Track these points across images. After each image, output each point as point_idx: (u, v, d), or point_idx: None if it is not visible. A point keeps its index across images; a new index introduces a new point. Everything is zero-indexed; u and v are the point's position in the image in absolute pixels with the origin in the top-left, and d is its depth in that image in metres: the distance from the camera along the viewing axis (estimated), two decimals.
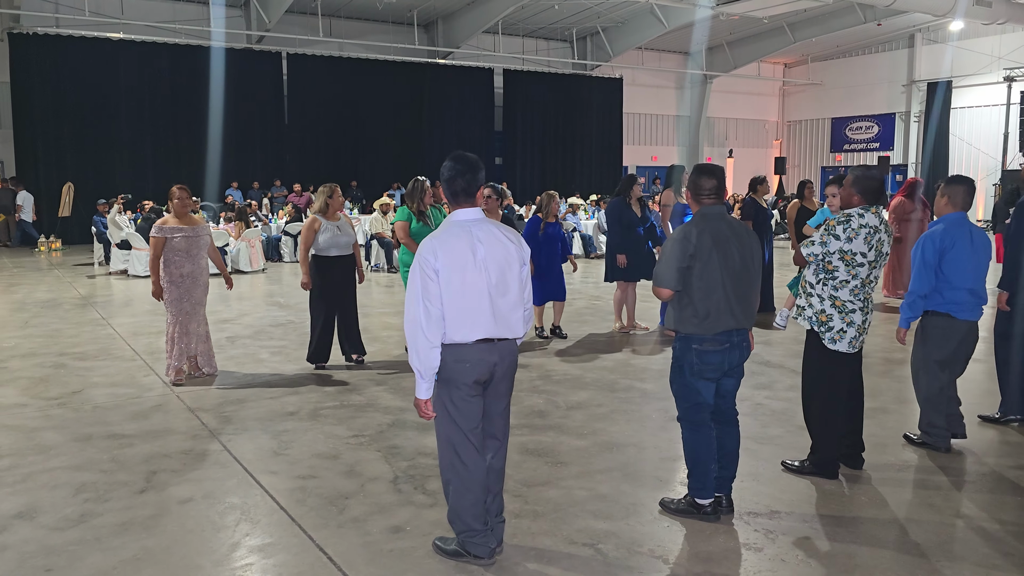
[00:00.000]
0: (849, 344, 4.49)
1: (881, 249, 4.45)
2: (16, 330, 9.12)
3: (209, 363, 7.00)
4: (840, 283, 4.45)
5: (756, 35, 27.61)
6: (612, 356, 7.76)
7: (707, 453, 4.06)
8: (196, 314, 6.81)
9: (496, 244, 3.52)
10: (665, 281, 3.99)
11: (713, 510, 4.09)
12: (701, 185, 4.05)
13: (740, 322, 4.01)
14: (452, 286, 3.42)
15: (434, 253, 3.43)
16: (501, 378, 3.60)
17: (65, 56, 19.44)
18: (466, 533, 3.61)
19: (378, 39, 23.35)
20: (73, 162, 19.72)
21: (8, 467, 4.85)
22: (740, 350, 4.08)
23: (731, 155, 30.06)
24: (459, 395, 3.51)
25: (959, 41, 26.48)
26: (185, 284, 6.68)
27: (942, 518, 4.14)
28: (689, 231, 3.97)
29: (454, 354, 3.47)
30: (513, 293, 3.55)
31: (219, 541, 3.89)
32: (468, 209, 3.57)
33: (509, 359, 3.60)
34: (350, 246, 7.23)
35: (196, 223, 6.78)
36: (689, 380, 4.06)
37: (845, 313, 4.47)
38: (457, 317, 3.44)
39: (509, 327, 3.55)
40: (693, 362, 4.01)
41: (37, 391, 6.57)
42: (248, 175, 21.42)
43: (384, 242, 15.13)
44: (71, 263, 15.90)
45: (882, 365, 7.29)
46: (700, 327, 3.95)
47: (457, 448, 3.55)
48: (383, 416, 5.83)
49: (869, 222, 4.40)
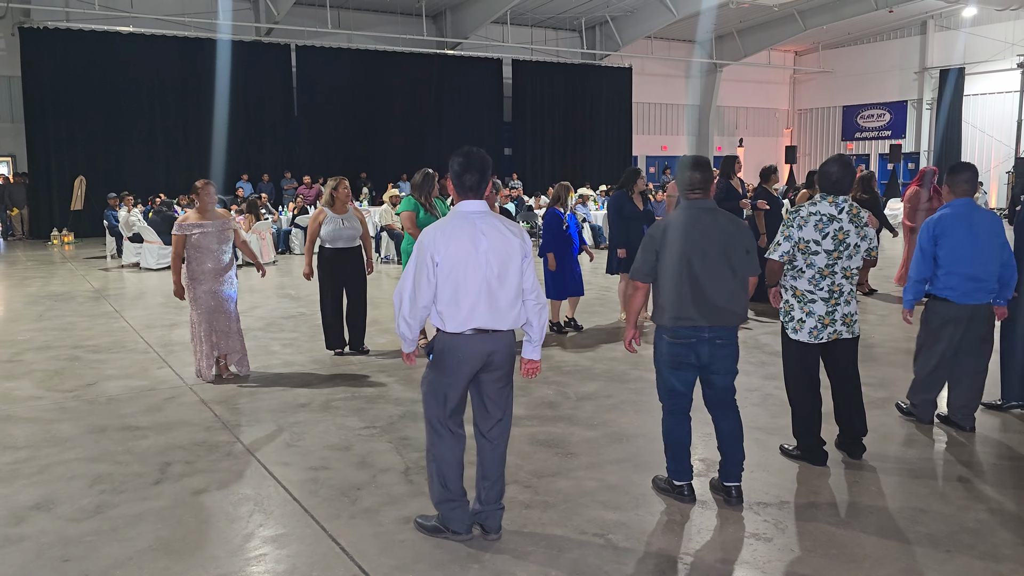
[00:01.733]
0: (809, 334, 4.51)
1: (845, 240, 4.42)
2: (31, 323, 9.20)
3: (241, 363, 6.74)
4: (798, 272, 4.51)
5: (766, 23, 27.46)
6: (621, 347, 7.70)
7: (681, 438, 4.20)
8: (228, 311, 6.59)
9: (499, 237, 3.57)
10: (636, 274, 4.15)
11: (688, 492, 4.19)
12: (689, 179, 4.08)
13: (708, 319, 3.99)
14: (452, 276, 3.49)
15: (435, 242, 3.50)
16: (499, 365, 3.67)
17: (75, 50, 19.51)
18: (443, 504, 3.74)
19: (386, 30, 23.34)
20: (84, 155, 19.83)
21: (25, 459, 4.92)
22: (713, 346, 4.05)
23: (741, 144, 29.93)
24: (447, 382, 3.63)
25: (972, 27, 26.26)
26: (208, 280, 6.45)
27: (950, 508, 4.15)
28: (659, 224, 4.10)
29: (449, 342, 3.57)
30: (513, 286, 3.60)
31: (233, 531, 3.94)
32: (474, 201, 3.62)
33: (505, 349, 3.67)
34: (356, 238, 7.27)
35: (220, 217, 6.56)
36: (662, 367, 4.18)
37: (804, 303, 4.51)
38: (454, 307, 3.52)
39: (506, 319, 3.62)
40: (664, 351, 4.14)
41: (52, 383, 6.64)
42: (258, 167, 21.50)
43: (394, 233, 15.16)
44: (83, 256, 16.01)
45: (894, 355, 7.27)
46: (664, 319, 4.06)
47: (436, 427, 3.72)
48: (394, 407, 5.87)
49: (821, 210, 4.44)
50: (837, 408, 4.81)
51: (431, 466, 3.79)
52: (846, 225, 4.43)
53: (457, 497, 3.75)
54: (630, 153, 28.38)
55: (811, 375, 4.65)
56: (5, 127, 20.24)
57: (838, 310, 4.51)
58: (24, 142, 19.60)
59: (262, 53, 21.94)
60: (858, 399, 4.76)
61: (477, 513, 3.81)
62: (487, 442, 3.77)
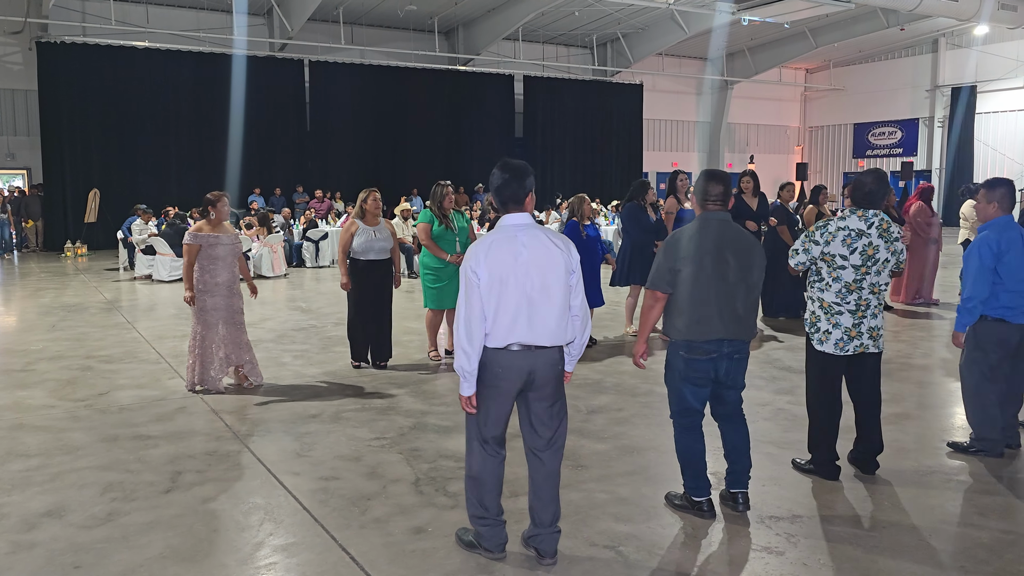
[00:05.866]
0: (835, 346, 4.48)
1: (875, 255, 4.39)
2: (44, 333, 9.26)
3: (253, 372, 6.83)
4: (825, 285, 4.48)
5: (777, 40, 27.52)
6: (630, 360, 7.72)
7: (696, 454, 4.13)
8: (235, 323, 6.65)
9: (541, 249, 3.50)
10: (655, 283, 4.03)
11: (708, 508, 4.13)
12: (708, 191, 4.06)
13: (731, 332, 3.98)
14: (493, 290, 3.43)
15: (476, 257, 3.46)
16: (543, 384, 3.56)
17: (91, 64, 19.74)
18: (478, 520, 3.68)
19: (399, 46, 23.53)
20: (99, 169, 20.02)
21: (37, 467, 4.94)
22: (731, 361, 4.05)
23: (752, 161, 29.93)
24: (486, 395, 3.55)
25: (983, 46, 26.25)
26: (219, 293, 6.51)
27: (965, 523, 4.11)
28: (681, 235, 4.01)
29: (489, 357, 3.50)
30: (557, 300, 3.51)
31: (243, 540, 3.94)
32: (517, 214, 3.57)
33: (548, 367, 3.55)
34: (387, 251, 7.28)
35: (229, 231, 6.66)
36: (678, 384, 4.10)
37: (831, 315, 4.48)
38: (495, 322, 3.45)
39: (548, 335, 3.51)
40: (680, 368, 4.05)
41: (64, 393, 6.67)
42: (270, 182, 21.63)
43: (404, 247, 15.21)
44: (97, 268, 16.11)
45: (904, 371, 7.24)
46: (688, 333, 3.98)
47: (473, 445, 3.65)
48: (405, 419, 5.87)
49: (850, 225, 4.40)
50: (859, 423, 4.76)
51: (469, 483, 3.70)
52: (875, 240, 4.39)
53: (492, 516, 3.67)
54: (641, 169, 28.43)
55: (833, 388, 4.62)
56: (21, 140, 20.47)
57: (864, 323, 4.47)
58: (40, 155, 19.80)
59: (276, 68, 22.13)
60: (878, 415, 4.74)
61: (532, 537, 3.71)
62: (539, 461, 3.67)
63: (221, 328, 6.56)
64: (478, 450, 3.64)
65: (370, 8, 22.13)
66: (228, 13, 20.79)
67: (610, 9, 22.87)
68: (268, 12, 21.74)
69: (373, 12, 22.49)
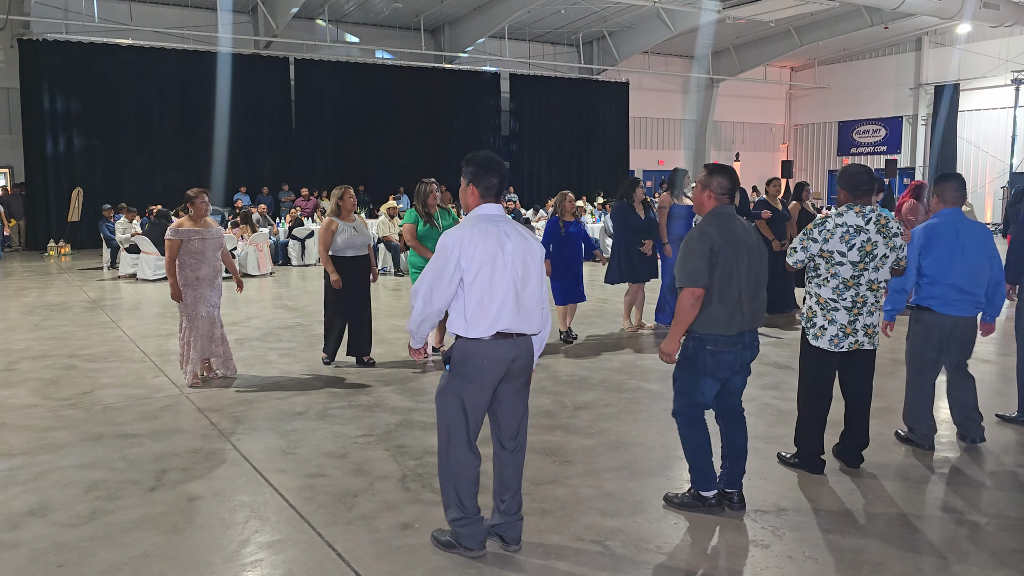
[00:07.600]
0: (830, 341, 4.50)
1: (873, 252, 4.40)
2: (27, 332, 9.18)
3: (226, 365, 6.98)
4: (822, 280, 4.50)
5: (762, 39, 27.63)
6: (618, 357, 7.77)
7: (704, 446, 4.12)
8: (212, 317, 6.81)
9: (520, 239, 3.56)
10: (696, 279, 3.86)
11: (717, 502, 4.13)
12: (718, 184, 4.06)
13: (751, 322, 4.03)
14: (479, 280, 3.43)
15: (460, 246, 3.43)
16: (518, 374, 3.61)
17: (74, 62, 19.57)
18: (456, 521, 3.66)
19: (385, 44, 23.45)
20: (82, 167, 19.86)
21: (20, 466, 4.90)
22: (751, 349, 4.10)
23: (738, 159, 30.04)
24: (469, 389, 3.54)
25: (966, 44, 26.45)
26: (201, 287, 6.68)
27: (949, 515, 4.14)
28: (707, 229, 3.94)
29: (472, 348, 3.49)
30: (534, 288, 3.59)
31: (229, 537, 3.92)
32: (493, 204, 3.62)
33: (526, 355, 3.62)
34: (366, 246, 7.32)
35: (210, 226, 6.80)
36: (697, 378, 4.06)
37: (827, 311, 4.50)
38: (480, 311, 3.45)
39: (529, 323, 3.57)
40: (706, 361, 4.00)
41: (48, 392, 6.62)
42: (256, 180, 21.50)
43: (391, 245, 15.19)
44: (80, 267, 15.98)
45: (889, 366, 7.28)
46: (721, 327, 3.94)
47: (452, 438, 3.62)
48: (391, 416, 5.86)
49: (848, 221, 4.41)
50: (847, 417, 4.79)
51: (445, 482, 3.67)
52: (873, 236, 4.40)
53: (471, 515, 3.65)
54: (627, 167, 28.48)
55: (826, 383, 4.64)
56: (3, 138, 20.26)
57: (860, 320, 4.49)
58: (22, 153, 19.62)
59: (261, 66, 22.01)
60: (868, 410, 4.77)
61: (496, 525, 3.73)
62: (506, 452, 3.70)
63: (197, 321, 6.69)
64: (457, 443, 3.61)
65: (356, 6, 22.06)
66: (212, 10, 20.64)
67: (596, 7, 22.89)
68: (253, 9, 21.61)
69: (358, 10, 22.41)
